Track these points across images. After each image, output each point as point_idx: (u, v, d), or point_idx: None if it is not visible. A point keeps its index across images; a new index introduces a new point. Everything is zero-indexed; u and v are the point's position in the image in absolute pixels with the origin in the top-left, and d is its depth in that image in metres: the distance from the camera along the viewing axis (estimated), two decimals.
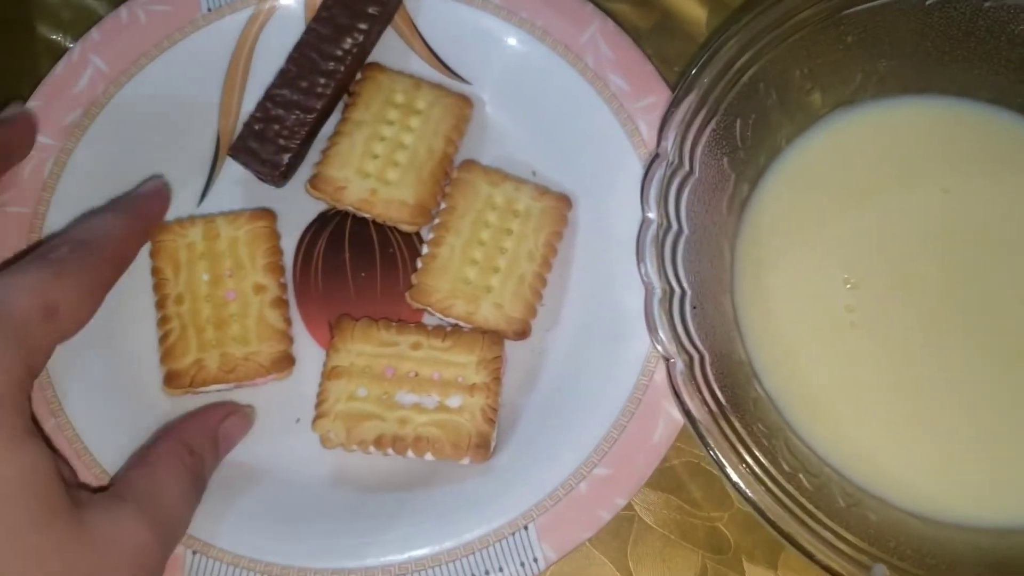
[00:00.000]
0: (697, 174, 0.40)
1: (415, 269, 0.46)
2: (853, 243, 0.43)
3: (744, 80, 0.41)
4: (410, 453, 0.41)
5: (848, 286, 0.42)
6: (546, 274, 0.45)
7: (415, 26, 0.49)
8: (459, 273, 0.44)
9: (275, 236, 0.45)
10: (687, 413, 0.36)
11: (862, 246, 0.43)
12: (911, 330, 0.42)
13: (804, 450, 0.39)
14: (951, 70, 0.45)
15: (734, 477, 0.35)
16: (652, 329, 0.37)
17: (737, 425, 0.36)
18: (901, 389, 0.41)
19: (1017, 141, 0.45)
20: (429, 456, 0.41)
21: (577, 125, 0.47)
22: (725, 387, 0.37)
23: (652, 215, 0.38)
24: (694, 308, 0.38)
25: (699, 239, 0.40)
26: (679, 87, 0.40)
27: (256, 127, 0.47)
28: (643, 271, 0.38)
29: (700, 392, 0.36)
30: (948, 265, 0.43)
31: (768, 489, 0.35)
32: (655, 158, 0.39)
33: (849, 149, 0.44)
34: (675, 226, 0.39)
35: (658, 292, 0.37)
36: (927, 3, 0.42)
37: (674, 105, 0.40)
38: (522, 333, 0.44)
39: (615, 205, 0.46)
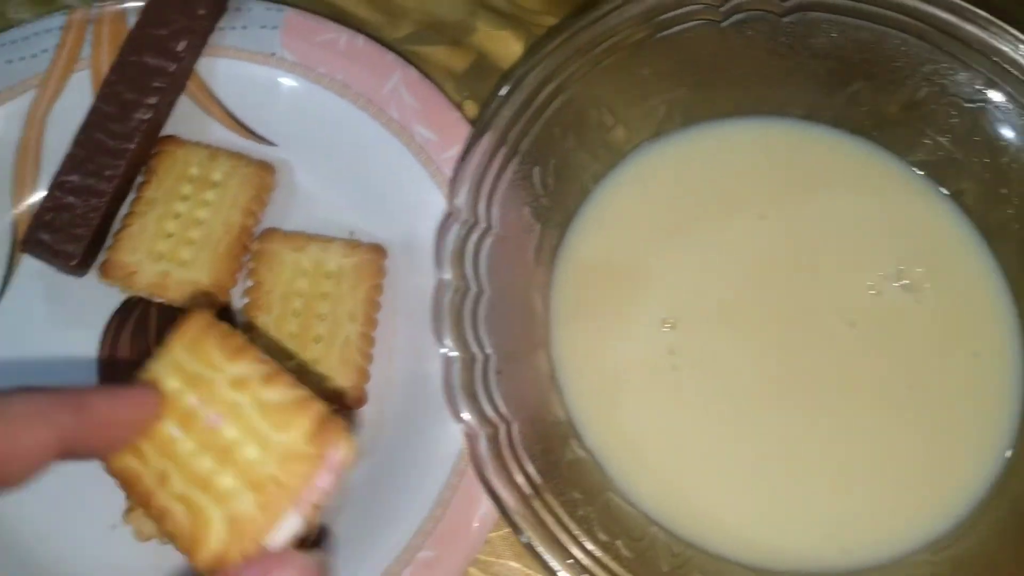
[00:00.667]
0: (497, 228, 0.38)
1: None
2: (670, 281, 0.42)
3: (537, 128, 0.39)
4: None
5: (667, 327, 0.41)
6: (372, 332, 0.43)
7: (211, 92, 0.47)
8: (277, 351, 0.42)
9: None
10: (492, 494, 0.34)
11: (680, 284, 0.42)
12: (735, 368, 0.40)
13: (628, 510, 0.37)
14: (758, 90, 0.43)
15: (543, 555, 0.33)
16: (452, 403, 0.35)
17: (549, 498, 0.34)
18: (728, 432, 0.40)
19: (831, 155, 0.44)
20: None
21: (387, 180, 0.45)
22: (536, 455, 0.35)
23: (448, 277, 0.36)
24: (499, 373, 0.36)
25: (504, 296, 0.38)
26: (467, 141, 0.38)
27: (47, 217, 0.44)
28: (440, 340, 0.35)
29: (507, 467, 0.34)
30: (770, 295, 0.41)
31: (578, 563, 0.33)
32: (448, 216, 0.37)
33: (660, 183, 0.43)
34: (474, 287, 0.37)
35: (456, 363, 0.35)
36: (722, 25, 0.41)
37: (464, 160, 0.38)
38: (358, 401, 0.42)
39: (430, 261, 0.43)
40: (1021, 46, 0.38)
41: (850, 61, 0.42)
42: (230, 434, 0.30)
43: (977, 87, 0.40)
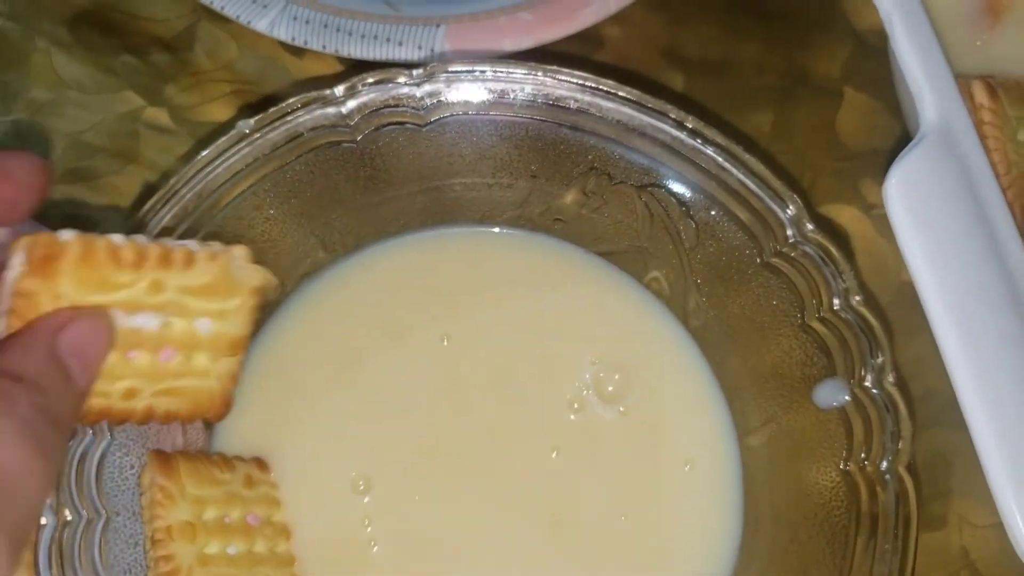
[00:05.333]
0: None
1: None
2: (357, 432, 0.37)
3: None
4: None
5: (361, 489, 0.36)
6: None
7: None
8: None
9: None
10: None
11: (367, 433, 0.37)
12: (437, 531, 0.36)
13: None
14: (422, 201, 0.39)
15: None
16: None
17: None
18: None
19: (513, 258, 0.40)
20: None
21: None
22: None
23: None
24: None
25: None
26: None
27: None
28: None
29: None
30: (464, 431, 0.37)
31: None
32: None
33: (324, 322, 0.38)
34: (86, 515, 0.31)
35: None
36: (359, 141, 0.35)
37: None
38: None
39: None
40: (673, 126, 0.35)
41: (509, 159, 0.37)
42: (178, 327, 0.29)
43: (643, 170, 0.36)
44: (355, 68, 0.45)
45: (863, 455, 0.33)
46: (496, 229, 0.40)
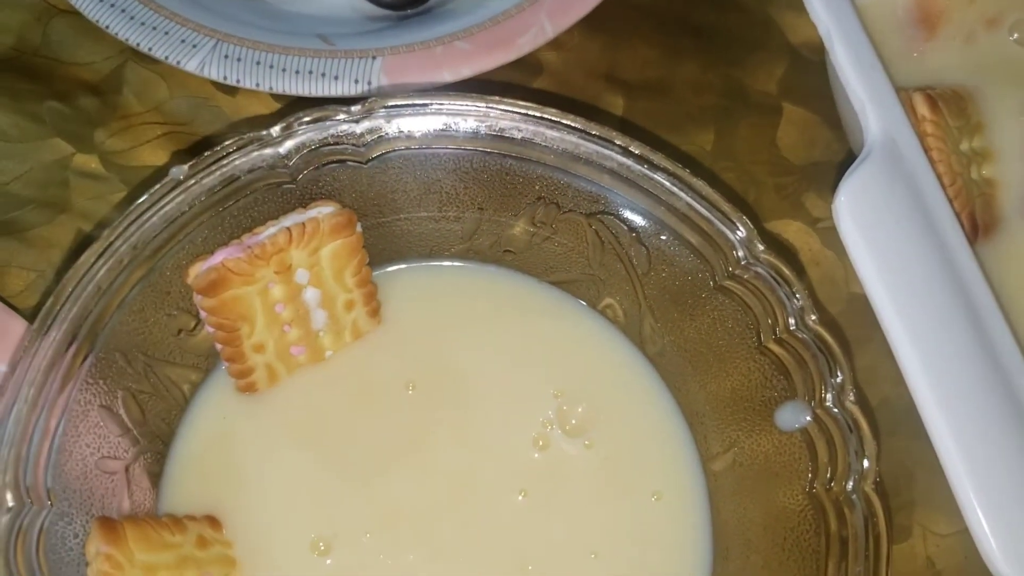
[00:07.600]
0: (59, 503, 0.31)
1: None
2: (316, 489, 0.35)
3: (84, 369, 0.32)
4: None
5: (322, 549, 0.34)
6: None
7: None
8: None
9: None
10: None
11: (328, 491, 0.35)
12: None
13: None
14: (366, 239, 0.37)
15: None
16: None
17: None
18: None
19: (467, 293, 0.39)
20: None
21: None
22: None
23: None
24: None
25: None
26: None
27: None
28: None
29: None
30: (431, 482, 0.36)
31: None
32: None
33: None
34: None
35: None
36: (299, 180, 0.34)
37: None
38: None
39: None
40: (620, 152, 0.34)
41: (455, 192, 0.36)
42: (325, 341, 0.37)
43: (591, 198, 0.35)
44: (291, 105, 0.44)
45: (828, 476, 0.33)
46: (446, 263, 0.38)
